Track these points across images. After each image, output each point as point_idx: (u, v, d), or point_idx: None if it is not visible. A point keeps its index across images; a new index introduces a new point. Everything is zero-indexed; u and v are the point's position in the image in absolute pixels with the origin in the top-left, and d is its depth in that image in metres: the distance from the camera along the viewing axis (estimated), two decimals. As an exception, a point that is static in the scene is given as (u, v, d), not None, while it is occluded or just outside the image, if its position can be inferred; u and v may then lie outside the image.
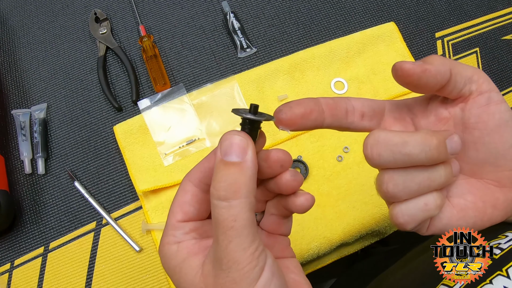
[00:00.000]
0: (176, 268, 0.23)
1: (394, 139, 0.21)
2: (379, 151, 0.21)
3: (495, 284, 0.23)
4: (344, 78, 0.55)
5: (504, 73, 0.60)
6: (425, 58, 0.24)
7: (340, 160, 0.51)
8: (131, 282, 0.47)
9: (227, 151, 0.20)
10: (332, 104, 0.25)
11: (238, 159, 0.20)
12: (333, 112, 0.25)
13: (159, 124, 0.52)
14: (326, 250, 0.48)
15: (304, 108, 0.24)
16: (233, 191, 0.19)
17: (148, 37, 0.56)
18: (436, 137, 0.21)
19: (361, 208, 0.49)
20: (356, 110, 0.26)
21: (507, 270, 0.23)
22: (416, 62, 0.23)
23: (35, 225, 0.50)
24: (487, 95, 0.24)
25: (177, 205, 0.24)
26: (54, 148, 0.53)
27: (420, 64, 0.23)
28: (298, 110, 0.24)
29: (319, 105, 0.24)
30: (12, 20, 0.61)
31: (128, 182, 0.51)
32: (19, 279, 0.47)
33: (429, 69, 0.23)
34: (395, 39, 0.58)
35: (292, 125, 0.24)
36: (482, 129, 0.24)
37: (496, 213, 0.25)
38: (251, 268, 0.20)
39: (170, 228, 0.24)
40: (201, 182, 0.24)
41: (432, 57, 0.24)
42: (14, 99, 0.56)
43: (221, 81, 0.54)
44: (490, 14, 0.63)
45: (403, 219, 0.22)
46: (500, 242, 0.25)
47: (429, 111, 0.26)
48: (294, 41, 0.59)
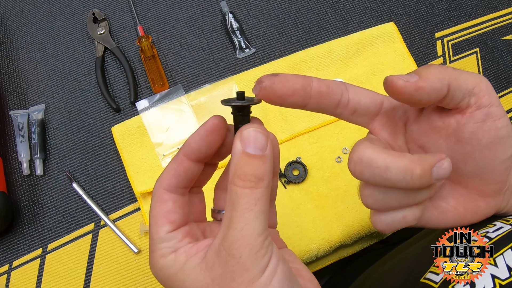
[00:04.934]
0: (177, 274, 0.22)
1: (377, 162, 0.21)
2: (361, 170, 0.22)
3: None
4: (343, 79, 0.55)
5: (504, 73, 0.60)
6: (422, 71, 0.22)
7: (339, 161, 0.51)
8: (130, 283, 0.47)
9: (250, 145, 0.21)
10: (324, 93, 0.23)
11: (261, 152, 0.21)
12: (322, 101, 0.23)
13: (157, 125, 0.52)
14: (325, 252, 0.48)
15: (286, 89, 0.22)
16: (257, 180, 0.21)
17: (146, 37, 0.56)
18: (421, 166, 0.20)
19: (360, 210, 0.49)
20: (350, 105, 0.24)
21: (495, 259, 0.23)
22: (410, 77, 0.22)
23: (33, 226, 0.50)
24: (486, 111, 0.23)
25: (161, 217, 0.23)
26: (52, 149, 0.53)
27: (414, 81, 0.22)
28: (279, 89, 0.22)
29: (306, 90, 0.23)
30: (10, 21, 0.60)
31: (126, 183, 0.51)
32: (17, 280, 0.47)
33: (423, 87, 0.22)
34: (394, 39, 0.58)
35: (267, 100, 0.23)
36: (475, 145, 0.23)
37: (475, 218, 0.26)
38: (262, 255, 0.20)
39: (160, 241, 0.23)
40: (178, 187, 0.24)
41: (429, 70, 0.22)
42: (12, 100, 0.56)
43: (220, 82, 0.54)
44: (490, 14, 0.63)
45: (380, 227, 0.24)
46: (488, 231, 0.25)
47: (423, 117, 0.25)
48: (293, 41, 0.58)
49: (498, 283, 0.22)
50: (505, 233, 0.24)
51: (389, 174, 0.21)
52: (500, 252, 0.24)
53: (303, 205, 0.49)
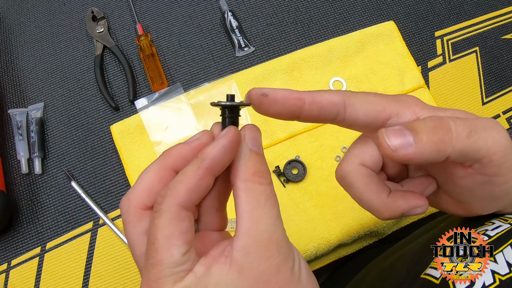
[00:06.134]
0: None
1: (354, 190, 0.24)
2: (341, 184, 0.26)
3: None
4: (343, 77, 0.55)
5: (504, 73, 0.60)
6: (420, 131, 0.21)
7: (338, 160, 0.51)
8: (128, 282, 0.47)
9: (254, 143, 0.22)
10: (315, 116, 0.23)
11: (260, 151, 0.23)
12: (312, 120, 0.24)
13: (156, 123, 0.52)
14: (324, 251, 0.48)
15: (273, 111, 0.23)
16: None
17: (145, 36, 0.56)
18: (389, 214, 0.24)
19: (359, 209, 0.49)
20: (345, 122, 0.24)
21: (495, 256, 0.24)
22: (403, 139, 0.21)
23: (32, 225, 0.49)
24: (487, 179, 0.22)
25: (176, 238, 0.20)
26: (51, 148, 0.53)
27: (403, 153, 0.20)
28: (265, 109, 0.23)
29: (295, 113, 0.23)
30: (9, 19, 0.60)
31: (125, 182, 0.51)
32: (16, 279, 0.47)
33: (414, 158, 0.20)
34: (394, 38, 0.57)
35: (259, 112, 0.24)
36: (466, 192, 0.24)
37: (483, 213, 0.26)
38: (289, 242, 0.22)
39: (174, 266, 0.20)
40: (195, 204, 0.21)
41: (429, 135, 0.20)
42: (11, 99, 0.56)
43: (219, 80, 0.54)
44: (490, 13, 0.63)
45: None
46: (487, 229, 0.25)
47: None
48: (293, 40, 0.58)
49: (498, 278, 0.22)
50: (504, 231, 0.24)
51: (362, 204, 0.25)
52: (500, 249, 0.24)
53: (302, 204, 0.49)
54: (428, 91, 0.56)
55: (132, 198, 0.22)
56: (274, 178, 0.50)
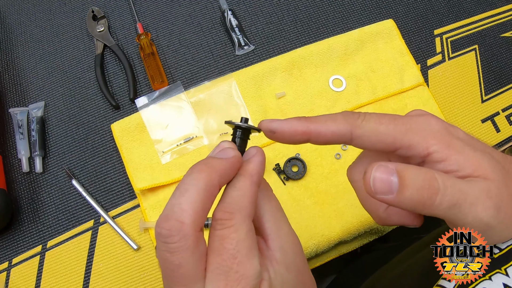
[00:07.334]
0: None
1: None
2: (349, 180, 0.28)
3: (494, 281, 0.23)
4: (342, 76, 0.55)
5: (503, 70, 0.60)
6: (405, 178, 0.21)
7: (338, 158, 0.51)
8: (129, 280, 0.47)
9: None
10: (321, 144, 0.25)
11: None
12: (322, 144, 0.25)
13: (156, 122, 0.52)
14: (325, 248, 0.48)
15: (288, 142, 0.25)
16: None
17: (145, 34, 0.56)
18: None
19: (360, 206, 0.48)
20: (352, 146, 0.25)
21: (506, 269, 0.23)
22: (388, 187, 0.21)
23: (33, 223, 0.50)
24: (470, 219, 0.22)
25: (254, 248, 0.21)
26: (51, 147, 0.53)
27: (388, 198, 0.22)
28: (276, 139, 0.25)
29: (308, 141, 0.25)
30: (10, 18, 0.60)
31: (125, 180, 0.51)
32: (17, 277, 0.47)
33: (399, 203, 0.22)
34: (393, 36, 0.58)
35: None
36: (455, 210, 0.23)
37: None
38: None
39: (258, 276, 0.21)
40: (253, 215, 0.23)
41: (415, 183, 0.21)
42: (12, 98, 0.56)
43: (219, 79, 0.54)
44: (489, 11, 0.63)
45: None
46: None
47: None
48: (292, 38, 0.58)
49: None
50: None
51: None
52: (511, 262, 0.24)
53: (302, 202, 0.49)
54: (428, 89, 0.56)
55: (187, 222, 0.20)
56: (274, 176, 0.50)
